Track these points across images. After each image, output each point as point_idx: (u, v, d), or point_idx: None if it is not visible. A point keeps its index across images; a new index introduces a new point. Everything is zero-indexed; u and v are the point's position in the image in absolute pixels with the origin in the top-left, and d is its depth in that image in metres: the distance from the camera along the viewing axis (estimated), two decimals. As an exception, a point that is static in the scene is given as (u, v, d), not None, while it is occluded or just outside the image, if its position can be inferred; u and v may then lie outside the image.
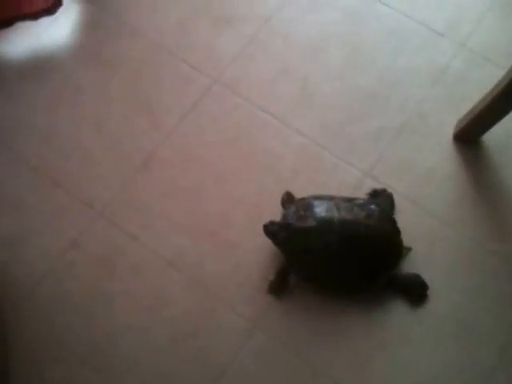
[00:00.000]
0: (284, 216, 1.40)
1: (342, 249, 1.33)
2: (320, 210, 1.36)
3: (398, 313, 1.37)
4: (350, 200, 1.40)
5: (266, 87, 1.61)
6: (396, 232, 1.39)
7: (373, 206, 1.39)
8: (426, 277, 1.39)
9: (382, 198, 1.46)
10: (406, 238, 1.39)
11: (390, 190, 1.48)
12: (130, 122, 1.56)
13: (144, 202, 1.47)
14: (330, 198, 1.40)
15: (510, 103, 1.38)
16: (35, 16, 1.62)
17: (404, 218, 1.44)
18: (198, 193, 1.49)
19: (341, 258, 1.33)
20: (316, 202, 1.38)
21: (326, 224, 1.34)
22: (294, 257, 1.36)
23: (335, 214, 1.35)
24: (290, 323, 1.36)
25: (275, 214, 1.42)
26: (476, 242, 1.44)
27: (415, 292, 1.39)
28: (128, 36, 1.67)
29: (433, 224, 1.46)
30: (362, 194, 1.48)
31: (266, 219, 1.38)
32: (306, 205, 1.38)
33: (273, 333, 1.35)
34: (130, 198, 1.48)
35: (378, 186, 1.49)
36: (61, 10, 1.67)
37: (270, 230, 1.37)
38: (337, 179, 1.50)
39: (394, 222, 1.40)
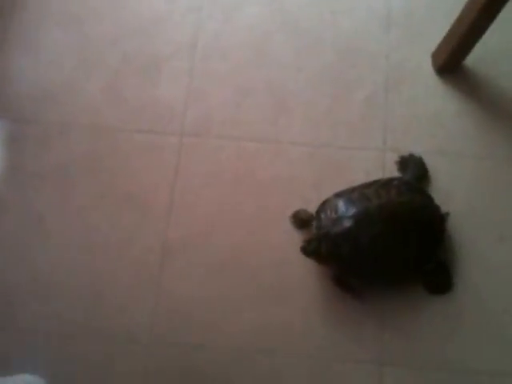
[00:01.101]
0: (316, 228, 1.27)
1: (389, 235, 1.23)
2: (349, 205, 1.25)
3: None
4: (370, 185, 1.30)
5: (234, 114, 1.45)
6: (429, 198, 1.30)
7: (396, 182, 1.30)
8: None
9: (411, 164, 1.36)
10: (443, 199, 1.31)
11: (414, 153, 1.38)
12: (122, 224, 1.35)
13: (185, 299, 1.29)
14: (352, 191, 1.29)
15: (491, 18, 1.30)
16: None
17: (439, 174, 1.36)
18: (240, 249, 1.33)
19: (392, 245, 1.23)
20: (341, 200, 1.26)
21: (363, 217, 1.23)
22: (345, 264, 1.25)
23: (367, 204, 1.24)
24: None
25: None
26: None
27: (439, 283, 1.30)
28: (58, 135, 1.43)
29: (469, 164, 1.39)
30: (391, 171, 1.37)
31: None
32: (332, 207, 1.26)
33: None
34: (173, 309, 1.29)
35: (399, 155, 1.39)
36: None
37: (311, 248, 1.24)
38: (360, 169, 1.38)
39: (423, 190, 1.31)
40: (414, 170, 1.36)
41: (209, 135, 1.43)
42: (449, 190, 1.35)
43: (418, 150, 1.40)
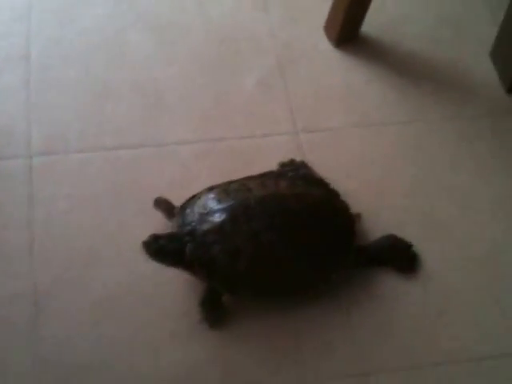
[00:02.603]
0: (178, 224, 0.93)
1: (275, 235, 0.91)
2: (223, 198, 0.93)
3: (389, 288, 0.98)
4: (258, 177, 1.00)
5: (98, 122, 1.11)
6: (333, 193, 1.02)
7: (290, 174, 1.02)
8: (404, 232, 1.02)
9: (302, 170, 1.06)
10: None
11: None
12: None
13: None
14: (230, 182, 0.98)
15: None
16: None
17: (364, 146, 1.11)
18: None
19: (279, 248, 0.91)
20: (213, 192, 0.95)
21: (241, 211, 0.91)
22: (218, 272, 0.90)
23: (248, 195, 0.93)
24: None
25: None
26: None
27: (398, 257, 1.01)
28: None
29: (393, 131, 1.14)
30: (310, 155, 1.09)
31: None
32: (202, 200, 0.94)
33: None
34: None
35: (313, 137, 1.11)
36: None
37: (158, 246, 0.90)
38: (272, 158, 1.07)
39: (325, 183, 1.03)
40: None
41: (67, 151, 1.07)
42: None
43: (335, 125, 1.13)
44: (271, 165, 1.05)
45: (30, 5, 1.24)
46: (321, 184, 1.02)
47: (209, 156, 1.08)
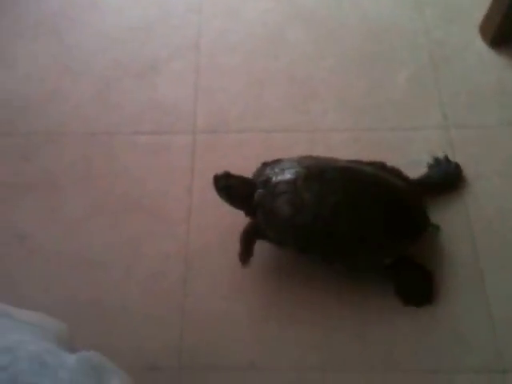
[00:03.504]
0: (255, 174, 0.98)
1: (341, 201, 0.91)
2: (303, 162, 0.96)
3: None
4: (348, 160, 1.01)
5: (255, 107, 1.19)
6: (417, 192, 0.99)
7: (378, 164, 1.01)
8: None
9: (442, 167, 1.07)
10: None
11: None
12: (127, 235, 1.05)
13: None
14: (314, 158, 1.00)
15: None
16: None
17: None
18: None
19: (342, 214, 0.91)
20: (300, 156, 0.99)
21: (317, 172, 0.93)
22: (276, 221, 0.92)
23: (329, 162, 0.97)
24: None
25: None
26: None
27: (414, 294, 0.97)
28: (43, 145, 1.15)
29: None
30: (461, 150, 1.10)
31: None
32: (286, 162, 0.98)
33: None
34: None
35: (464, 133, 1.12)
36: None
37: (227, 184, 0.95)
38: (421, 150, 1.10)
39: (414, 183, 1.01)
40: (441, 173, 1.06)
41: (227, 130, 1.16)
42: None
43: (488, 122, 1.13)
44: (419, 158, 1.07)
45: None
46: (409, 181, 1.00)
47: (357, 144, 1.12)
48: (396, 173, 1.00)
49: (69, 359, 0.54)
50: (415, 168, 1.05)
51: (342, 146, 1.12)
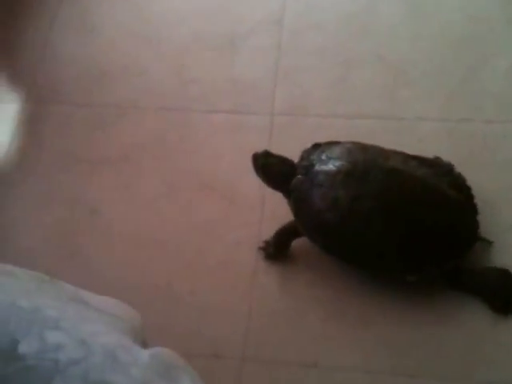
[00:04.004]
0: (301, 156, 0.93)
1: (377, 206, 0.85)
2: (356, 154, 0.89)
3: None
4: (412, 157, 0.93)
5: (339, 90, 1.12)
6: (468, 203, 0.90)
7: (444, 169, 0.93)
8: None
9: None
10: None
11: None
12: (202, 216, 1.02)
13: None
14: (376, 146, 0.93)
15: None
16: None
17: None
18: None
19: (374, 219, 0.85)
20: (352, 145, 0.92)
21: (360, 170, 0.87)
22: (307, 211, 0.88)
23: (379, 160, 0.88)
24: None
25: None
26: None
27: (500, 295, 0.88)
28: (116, 118, 1.13)
29: None
30: None
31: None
32: (337, 147, 0.92)
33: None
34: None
35: None
36: None
37: (266, 162, 0.91)
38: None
39: (467, 190, 0.91)
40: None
41: (306, 113, 1.10)
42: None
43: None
44: None
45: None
46: (463, 189, 0.91)
47: (450, 136, 1.04)
48: (459, 181, 0.92)
49: (142, 355, 0.52)
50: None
51: (434, 136, 1.04)
